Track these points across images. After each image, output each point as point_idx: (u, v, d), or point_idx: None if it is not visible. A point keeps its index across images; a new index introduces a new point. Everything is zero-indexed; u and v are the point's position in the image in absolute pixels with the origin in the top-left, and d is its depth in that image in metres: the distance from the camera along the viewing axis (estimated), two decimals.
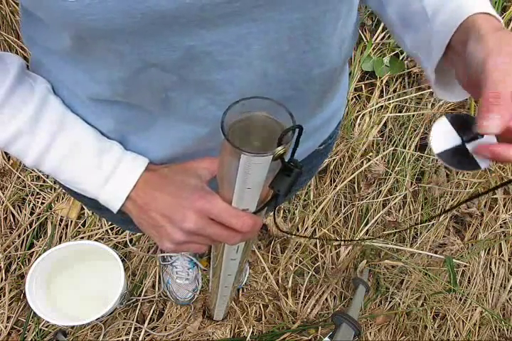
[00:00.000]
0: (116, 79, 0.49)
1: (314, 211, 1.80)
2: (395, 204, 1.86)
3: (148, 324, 1.65)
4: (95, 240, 1.68)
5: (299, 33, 0.47)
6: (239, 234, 0.52)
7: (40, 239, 1.72)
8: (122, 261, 1.48)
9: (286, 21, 0.44)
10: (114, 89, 0.51)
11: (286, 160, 0.41)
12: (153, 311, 1.68)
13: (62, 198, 1.75)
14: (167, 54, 0.43)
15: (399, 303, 1.73)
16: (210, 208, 0.50)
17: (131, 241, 1.73)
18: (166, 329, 1.65)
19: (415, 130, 1.96)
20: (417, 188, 1.91)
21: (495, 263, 1.83)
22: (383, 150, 1.91)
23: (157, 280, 1.71)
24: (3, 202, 1.74)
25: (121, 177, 0.55)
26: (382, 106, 1.93)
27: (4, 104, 0.51)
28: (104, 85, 0.51)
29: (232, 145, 0.37)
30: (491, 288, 1.80)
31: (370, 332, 1.68)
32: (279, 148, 0.37)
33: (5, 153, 1.78)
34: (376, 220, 1.82)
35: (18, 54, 1.79)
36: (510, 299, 1.79)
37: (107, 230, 1.73)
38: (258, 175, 0.41)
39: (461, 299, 1.77)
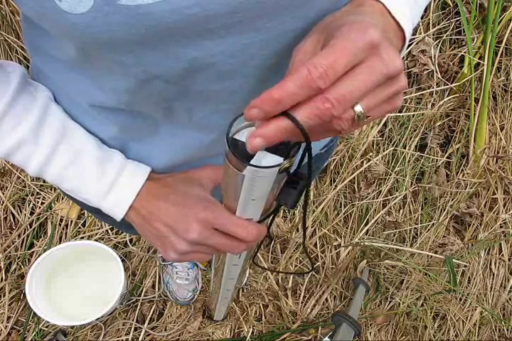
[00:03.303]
0: (121, 88, 0.48)
1: (314, 211, 1.79)
2: (395, 204, 1.86)
3: (148, 324, 1.65)
4: (95, 240, 1.67)
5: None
6: (243, 244, 0.52)
7: (40, 239, 1.72)
8: (122, 261, 1.48)
9: (289, 31, 0.44)
10: (119, 97, 0.50)
11: (292, 172, 0.41)
12: (153, 311, 1.68)
13: (62, 198, 1.75)
14: (171, 65, 0.43)
15: (399, 303, 1.73)
16: (214, 218, 0.50)
17: (131, 241, 1.73)
18: (166, 329, 1.65)
19: (415, 130, 1.96)
20: (417, 188, 1.91)
21: (495, 263, 1.83)
22: (383, 150, 1.91)
23: (157, 280, 1.71)
24: (3, 202, 1.73)
25: (124, 187, 0.55)
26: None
27: (6, 113, 0.51)
28: (109, 94, 0.50)
29: (238, 158, 0.37)
30: (491, 288, 1.80)
31: (370, 332, 1.68)
32: (285, 161, 0.37)
33: None
34: (376, 220, 1.82)
35: (18, 54, 1.79)
36: (510, 299, 1.79)
37: (107, 230, 1.73)
38: (263, 188, 0.41)
39: (461, 299, 1.77)
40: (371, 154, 1.87)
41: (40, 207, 1.74)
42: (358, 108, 0.35)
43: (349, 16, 0.39)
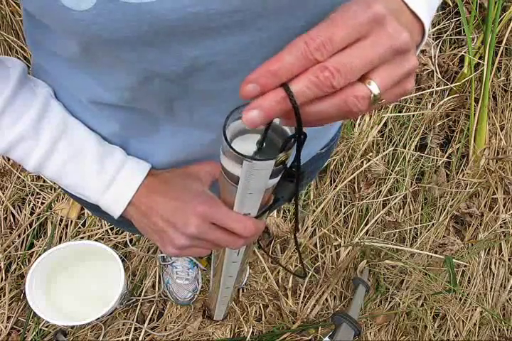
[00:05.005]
0: (122, 85, 0.48)
1: (314, 211, 1.80)
2: (395, 204, 1.86)
3: (148, 324, 1.65)
4: (95, 240, 1.68)
5: None
6: (241, 239, 0.52)
7: (40, 239, 1.72)
8: (122, 261, 1.48)
9: (290, 29, 0.44)
10: (121, 95, 0.50)
11: (289, 166, 0.41)
12: (153, 311, 1.68)
13: (62, 198, 1.75)
14: (172, 64, 0.43)
15: (399, 303, 1.73)
16: (212, 213, 0.50)
17: (131, 241, 1.73)
18: (166, 330, 1.65)
19: (415, 130, 1.96)
20: (417, 188, 1.91)
21: (495, 263, 1.83)
22: (383, 150, 1.91)
23: (157, 280, 1.71)
24: (3, 202, 1.74)
25: (123, 183, 0.55)
26: (382, 106, 1.93)
27: (6, 108, 0.51)
28: (111, 91, 0.50)
29: (235, 151, 0.37)
30: (491, 288, 1.80)
31: (370, 332, 1.68)
32: (281, 154, 0.37)
33: None
34: (376, 220, 1.82)
35: (18, 54, 1.79)
36: (510, 299, 1.79)
37: (107, 230, 1.73)
38: (260, 181, 0.41)
39: (461, 299, 1.77)
40: (371, 154, 1.87)
41: (40, 207, 1.74)
42: (374, 87, 0.34)
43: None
